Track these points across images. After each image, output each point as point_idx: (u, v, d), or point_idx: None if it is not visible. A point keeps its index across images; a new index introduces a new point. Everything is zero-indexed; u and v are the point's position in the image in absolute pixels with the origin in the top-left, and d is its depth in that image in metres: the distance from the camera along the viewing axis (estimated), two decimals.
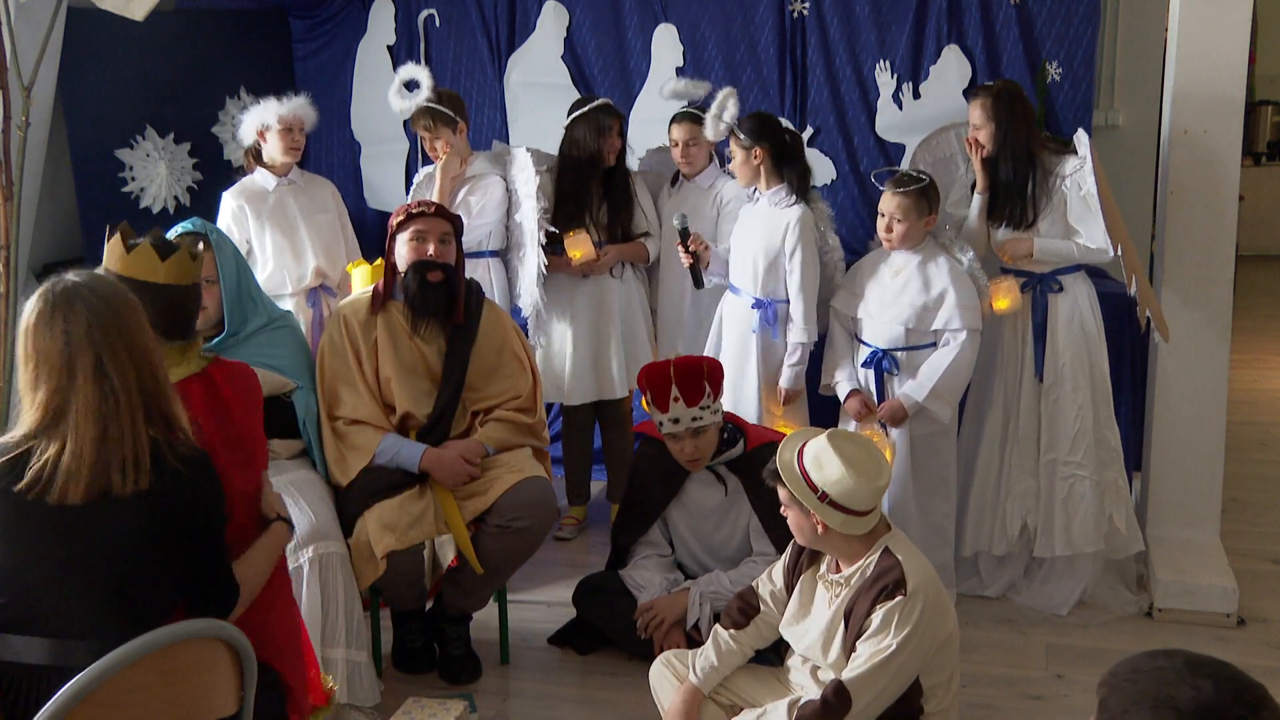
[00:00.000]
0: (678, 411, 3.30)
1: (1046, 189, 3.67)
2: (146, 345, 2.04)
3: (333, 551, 3.07)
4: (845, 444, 2.56)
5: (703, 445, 3.34)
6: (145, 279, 2.33)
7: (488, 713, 3.25)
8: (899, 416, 3.65)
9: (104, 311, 1.99)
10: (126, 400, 1.98)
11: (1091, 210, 3.62)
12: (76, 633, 1.95)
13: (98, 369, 1.97)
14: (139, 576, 2.01)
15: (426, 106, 4.19)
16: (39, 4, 3.87)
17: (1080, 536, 3.71)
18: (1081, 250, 3.68)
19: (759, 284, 3.86)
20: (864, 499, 2.51)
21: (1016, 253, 3.71)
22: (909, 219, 3.59)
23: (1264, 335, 7.42)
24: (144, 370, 2.02)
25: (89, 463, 1.95)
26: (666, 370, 3.33)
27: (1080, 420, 3.71)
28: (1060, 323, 3.73)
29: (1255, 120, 9.79)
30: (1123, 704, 1.34)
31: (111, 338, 1.98)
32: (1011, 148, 3.67)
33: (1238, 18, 3.66)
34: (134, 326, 2.03)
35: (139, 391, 2.00)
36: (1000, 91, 3.69)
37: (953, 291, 3.58)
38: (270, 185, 4.24)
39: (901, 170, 3.72)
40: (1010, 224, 3.71)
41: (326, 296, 4.29)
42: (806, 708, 2.50)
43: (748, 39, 4.88)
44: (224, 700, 1.99)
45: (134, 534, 1.99)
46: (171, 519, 2.03)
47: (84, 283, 2.02)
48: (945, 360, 3.60)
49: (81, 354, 1.97)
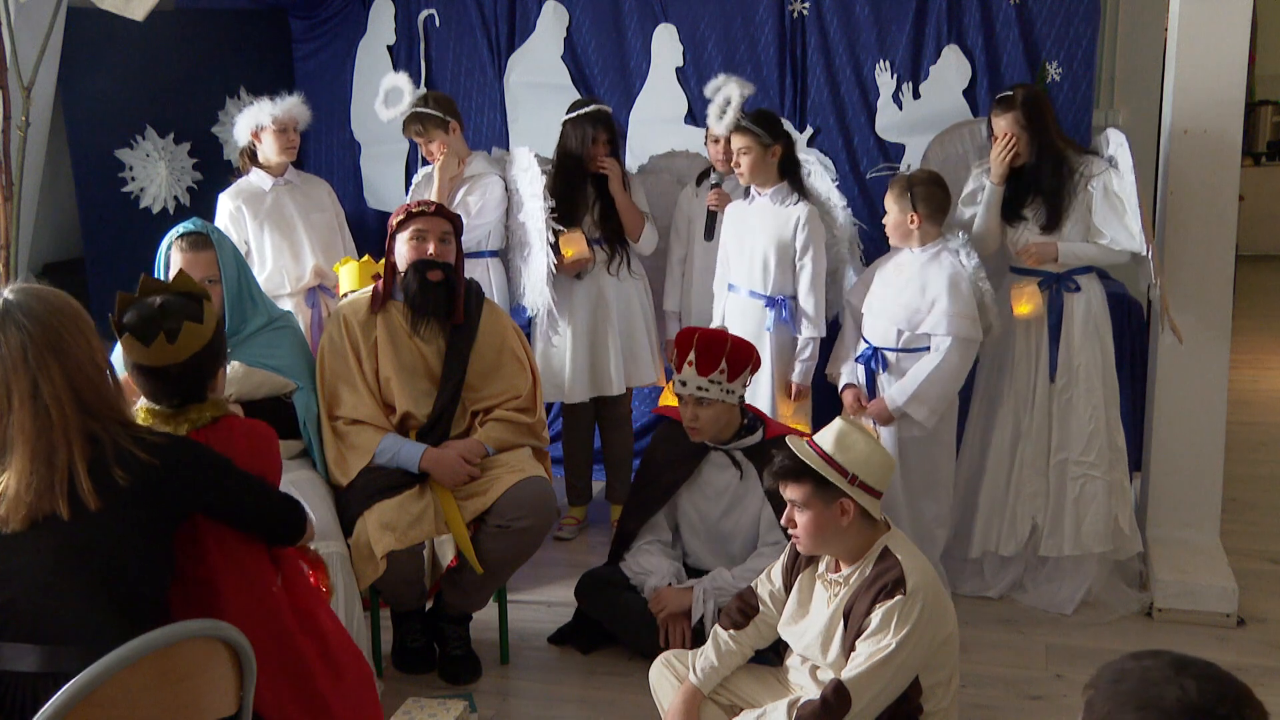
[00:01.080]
0: (688, 375, 3.33)
1: (1072, 189, 3.67)
2: (80, 359, 2.00)
3: (333, 551, 3.07)
4: (855, 426, 2.60)
5: (703, 417, 3.35)
6: (137, 361, 2.33)
7: (488, 713, 3.25)
8: (884, 417, 3.67)
9: (36, 331, 1.96)
10: (60, 417, 1.96)
11: (1117, 210, 3.61)
12: (68, 638, 1.94)
13: (33, 390, 1.95)
14: (124, 576, 2.01)
15: (414, 112, 4.20)
16: (39, 4, 3.87)
17: (1090, 537, 3.71)
18: (1104, 252, 3.68)
19: (769, 282, 3.87)
20: (885, 475, 2.55)
21: (1043, 257, 3.70)
22: (893, 212, 3.65)
23: (1264, 335, 7.43)
24: (80, 382, 1.99)
25: (26, 486, 1.93)
26: (694, 334, 3.38)
27: (1094, 420, 3.71)
28: (1076, 323, 3.73)
29: (1255, 120, 9.80)
30: (1108, 706, 1.34)
31: (44, 356, 1.95)
32: (1048, 153, 3.67)
33: (1238, 18, 3.66)
34: (69, 341, 1.99)
35: (76, 409, 1.97)
36: (1025, 99, 3.67)
37: (945, 299, 3.58)
38: (267, 185, 4.24)
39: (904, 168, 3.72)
40: (1040, 226, 3.70)
41: (325, 296, 4.29)
42: (806, 707, 2.50)
43: (748, 39, 4.87)
44: (224, 700, 1.99)
45: (119, 536, 1.98)
46: (159, 516, 2.03)
47: (16, 302, 1.99)
48: (928, 366, 3.62)
49: (17, 379, 1.94)
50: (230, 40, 5.16)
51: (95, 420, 2.01)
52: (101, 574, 1.99)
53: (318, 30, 5.44)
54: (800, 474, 2.53)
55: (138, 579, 2.04)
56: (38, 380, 1.95)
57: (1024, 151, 3.69)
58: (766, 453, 3.31)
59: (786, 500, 2.59)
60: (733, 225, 3.99)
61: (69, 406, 1.97)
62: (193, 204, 4.95)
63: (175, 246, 3.17)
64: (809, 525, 2.55)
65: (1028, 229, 3.74)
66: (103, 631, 1.92)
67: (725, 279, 4.06)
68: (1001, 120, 3.69)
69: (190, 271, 3.11)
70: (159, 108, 4.90)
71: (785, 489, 2.57)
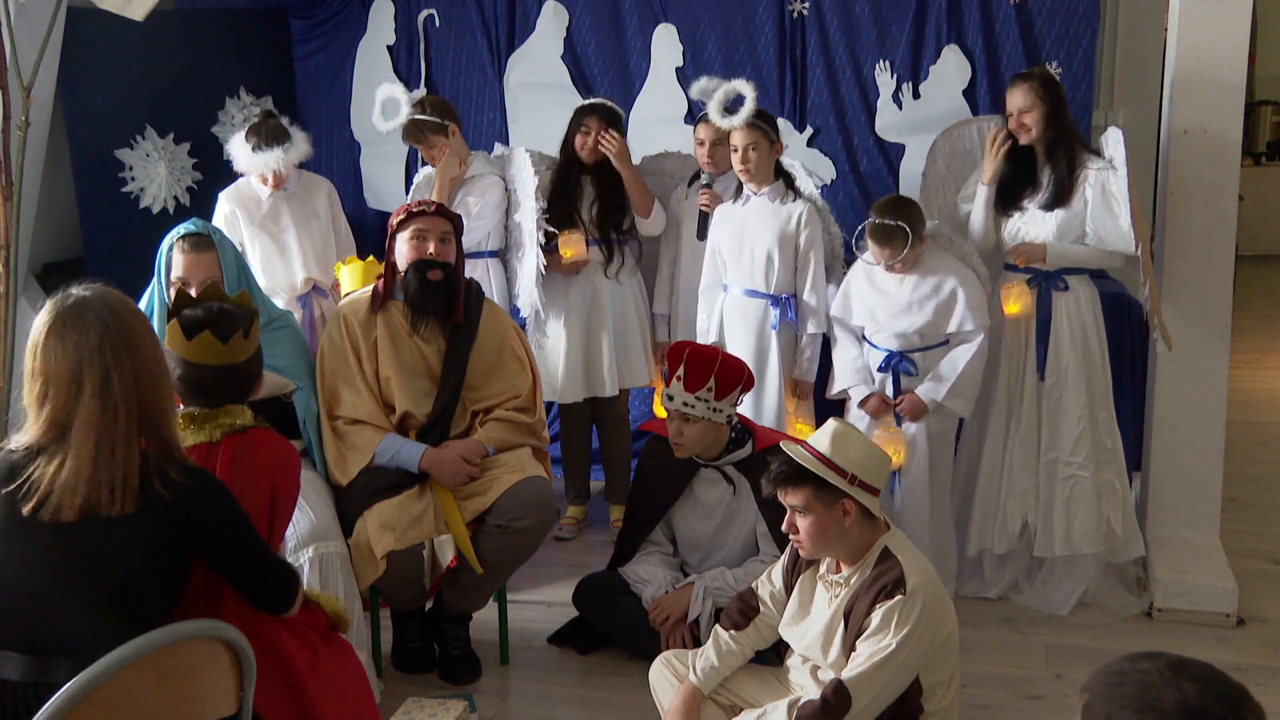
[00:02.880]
0: (675, 390, 3.31)
1: (1074, 181, 3.67)
2: (149, 361, 2.04)
3: (332, 551, 3.07)
4: (848, 425, 2.61)
5: (688, 433, 3.33)
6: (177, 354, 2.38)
7: (488, 713, 3.25)
8: (919, 411, 3.66)
9: (114, 325, 2.00)
10: (125, 416, 1.98)
11: (1113, 211, 3.62)
12: (60, 648, 1.93)
13: (104, 383, 1.97)
14: (136, 589, 2.01)
15: (411, 121, 4.19)
16: (39, 4, 3.87)
17: (1080, 537, 3.71)
18: (1095, 253, 3.68)
19: (772, 280, 3.87)
20: (883, 472, 2.57)
21: (1031, 258, 3.71)
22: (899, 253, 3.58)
23: (1264, 335, 7.42)
24: (147, 386, 2.02)
25: (85, 478, 1.95)
26: (685, 349, 3.37)
27: (1083, 421, 3.71)
28: (1064, 322, 3.73)
29: (1255, 120, 9.80)
30: (1106, 709, 1.34)
31: (119, 352, 1.99)
32: (1064, 132, 3.67)
33: (1237, 17, 3.66)
34: (142, 341, 2.03)
35: (139, 407, 2.00)
36: (1042, 75, 3.73)
37: (962, 292, 3.60)
38: (264, 194, 4.23)
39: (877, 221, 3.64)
40: (1041, 206, 3.69)
41: (319, 298, 4.29)
42: (806, 707, 2.50)
43: (747, 39, 4.88)
44: (224, 700, 1.99)
45: (132, 549, 1.99)
46: (169, 538, 2.03)
47: (94, 296, 2.03)
48: (964, 358, 3.62)
49: (91, 368, 1.97)
50: (230, 40, 5.17)
51: (149, 426, 2.03)
52: (109, 585, 1.98)
53: (318, 30, 5.44)
54: (800, 479, 2.52)
55: (149, 594, 2.04)
56: (110, 373, 1.97)
57: (1034, 125, 3.67)
58: (758, 465, 3.31)
59: (787, 506, 2.57)
60: (726, 225, 3.98)
61: (134, 404, 2.00)
62: (192, 204, 4.95)
63: (177, 248, 3.16)
64: (811, 529, 2.54)
65: (1024, 218, 3.73)
66: (99, 641, 1.90)
67: (717, 280, 4.05)
68: (1018, 92, 3.67)
69: (192, 272, 3.12)
70: (159, 108, 4.90)
71: (785, 495, 2.56)
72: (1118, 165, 3.61)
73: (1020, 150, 3.74)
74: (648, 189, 4.25)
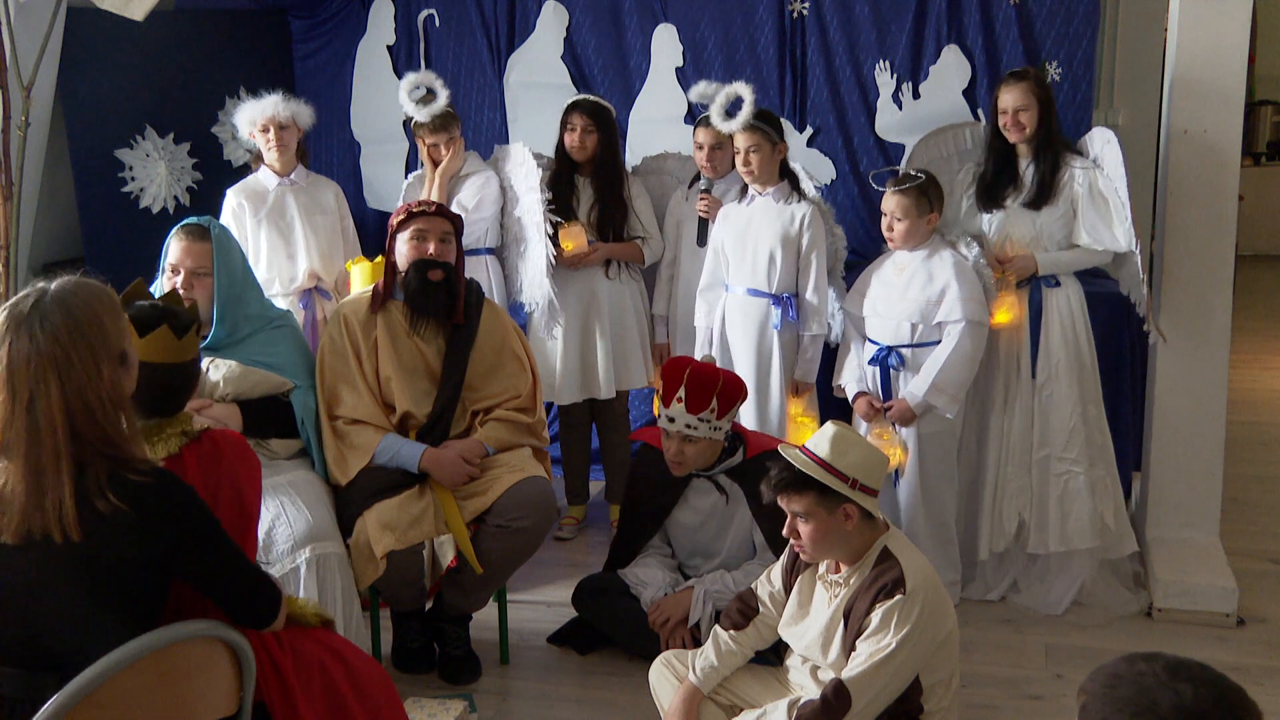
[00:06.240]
0: (676, 411, 3.30)
1: (1056, 180, 3.70)
2: (85, 385, 1.88)
3: (330, 552, 3.06)
4: (845, 427, 2.60)
5: (689, 453, 3.33)
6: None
7: (488, 713, 3.25)
8: (907, 417, 3.66)
9: (45, 346, 1.86)
10: (51, 441, 1.86)
11: (1101, 210, 3.63)
12: (46, 663, 1.90)
13: (29, 405, 1.86)
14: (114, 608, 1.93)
15: (446, 112, 4.24)
16: (39, 4, 3.87)
17: (1075, 533, 3.71)
18: (1085, 254, 3.71)
19: (775, 280, 3.87)
20: (881, 472, 2.57)
21: (1023, 273, 3.73)
22: (910, 217, 3.61)
23: (1264, 335, 7.43)
24: (77, 410, 1.87)
25: (22, 495, 1.85)
26: (684, 369, 3.34)
27: (1074, 416, 3.72)
28: (1055, 319, 3.74)
29: (1255, 120, 9.81)
30: (1103, 711, 1.34)
31: (46, 375, 1.86)
32: (1049, 128, 3.71)
33: (1237, 18, 3.66)
34: (78, 365, 1.88)
35: (68, 434, 1.87)
36: (1036, 74, 3.76)
37: (955, 284, 3.60)
38: (271, 185, 4.25)
39: (901, 170, 3.73)
40: (1024, 204, 3.72)
41: (320, 299, 4.29)
42: (806, 707, 2.50)
43: (747, 39, 4.88)
44: (223, 700, 1.99)
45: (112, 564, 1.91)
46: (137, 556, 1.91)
47: (52, 298, 1.91)
48: (944, 353, 3.61)
49: (20, 385, 1.87)
50: (230, 40, 5.17)
51: (86, 448, 1.89)
52: (91, 601, 1.90)
53: (318, 30, 5.44)
54: (803, 485, 2.52)
55: (135, 598, 1.96)
56: (34, 395, 1.86)
57: (1029, 124, 3.70)
58: (749, 471, 3.31)
59: (788, 512, 2.57)
60: (730, 225, 3.98)
61: (61, 430, 1.86)
62: (192, 204, 4.95)
63: (175, 235, 3.19)
64: (813, 534, 2.54)
65: (1006, 216, 3.74)
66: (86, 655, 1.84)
67: (718, 279, 4.05)
68: (1015, 90, 3.70)
69: (183, 259, 3.14)
70: (159, 108, 4.90)
71: (787, 502, 2.55)
72: (1106, 165, 3.62)
73: (1003, 148, 3.77)
74: (629, 247, 4.27)
